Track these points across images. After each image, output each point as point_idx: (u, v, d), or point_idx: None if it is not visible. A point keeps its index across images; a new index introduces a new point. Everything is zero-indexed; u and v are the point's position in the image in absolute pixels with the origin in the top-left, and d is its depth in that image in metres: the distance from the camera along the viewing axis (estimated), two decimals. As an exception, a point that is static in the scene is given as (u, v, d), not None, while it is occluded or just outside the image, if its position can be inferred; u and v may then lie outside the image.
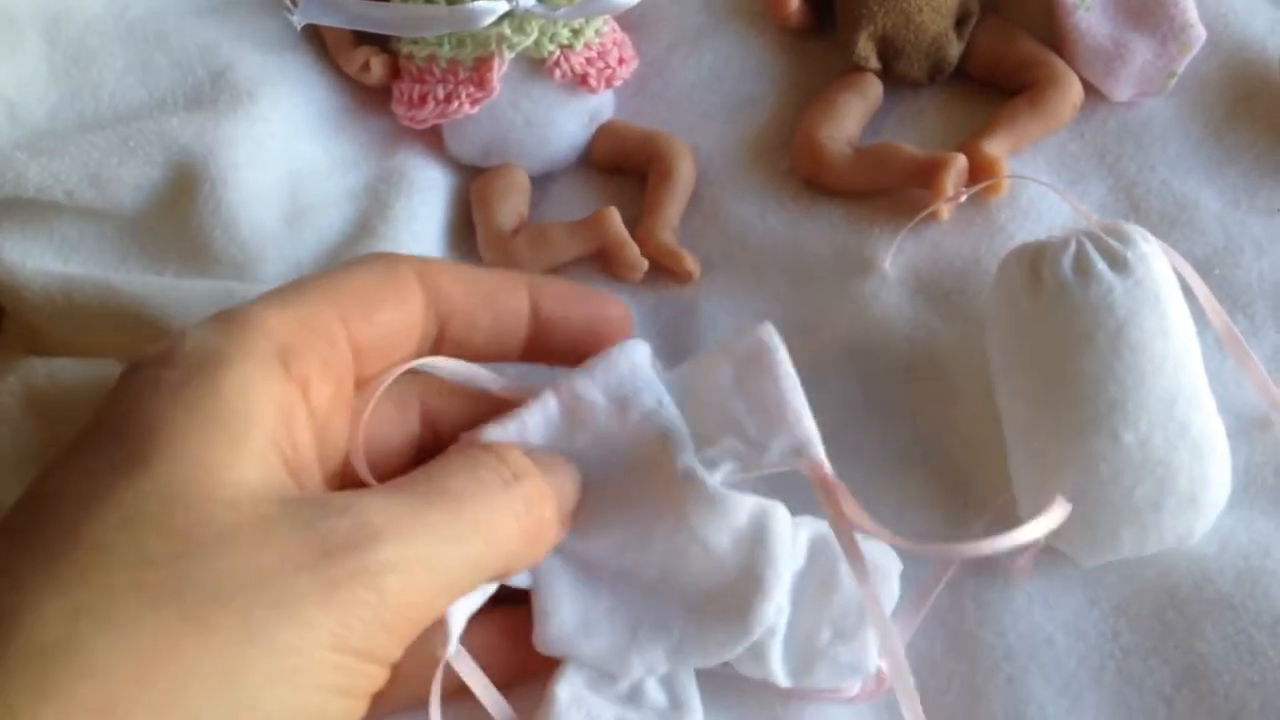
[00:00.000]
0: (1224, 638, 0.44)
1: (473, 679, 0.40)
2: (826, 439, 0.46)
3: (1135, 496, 0.43)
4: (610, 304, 0.43)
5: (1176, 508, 0.43)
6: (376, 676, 0.32)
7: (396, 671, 0.34)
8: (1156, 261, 0.44)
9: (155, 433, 0.31)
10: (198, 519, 0.30)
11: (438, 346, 0.40)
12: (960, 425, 0.49)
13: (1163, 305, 0.43)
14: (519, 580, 0.42)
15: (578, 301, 0.42)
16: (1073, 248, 0.44)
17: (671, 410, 0.43)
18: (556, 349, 0.43)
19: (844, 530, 0.41)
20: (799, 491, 0.42)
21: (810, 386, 0.48)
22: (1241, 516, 0.46)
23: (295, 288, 0.37)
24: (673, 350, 0.51)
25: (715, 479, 0.42)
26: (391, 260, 0.39)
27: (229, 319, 0.34)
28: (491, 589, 0.41)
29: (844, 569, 0.43)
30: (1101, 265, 0.44)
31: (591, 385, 0.42)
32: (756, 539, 0.42)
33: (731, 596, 0.41)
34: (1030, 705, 0.44)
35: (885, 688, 0.43)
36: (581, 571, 0.42)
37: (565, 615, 0.42)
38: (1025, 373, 0.45)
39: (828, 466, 0.41)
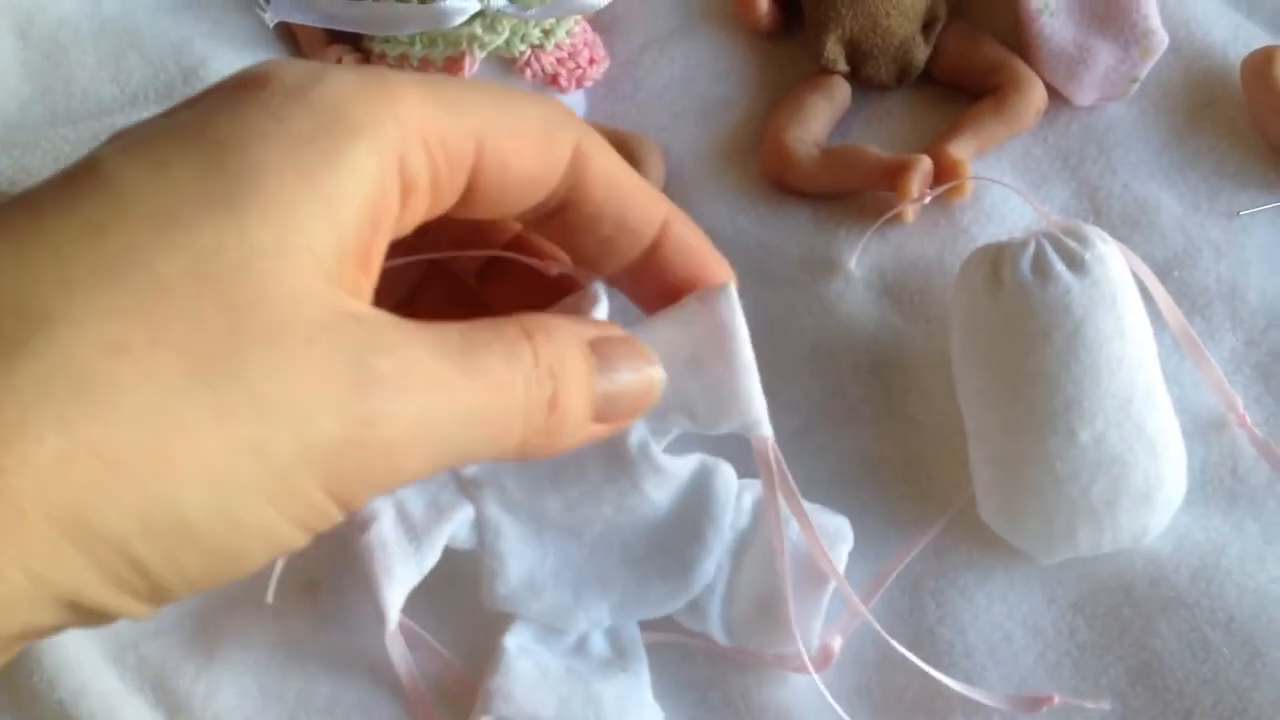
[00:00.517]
0: (1178, 635, 0.44)
1: (402, 665, 0.42)
2: (791, 437, 0.47)
3: (1091, 494, 0.44)
4: (723, 276, 0.40)
5: (1132, 506, 0.44)
6: (334, 518, 0.30)
7: None
8: (1114, 262, 0.45)
9: (255, 174, 0.28)
10: (263, 298, 0.27)
11: (550, 220, 0.37)
12: (924, 424, 0.50)
13: (1119, 306, 0.44)
14: (463, 541, 0.43)
15: (697, 260, 0.39)
16: (1032, 248, 0.45)
17: None
18: (642, 288, 0.39)
19: (791, 500, 0.41)
20: (746, 455, 0.43)
21: (775, 386, 0.49)
22: (1198, 516, 0.47)
23: (450, 86, 0.33)
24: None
25: (661, 445, 0.43)
26: (560, 119, 0.35)
27: (376, 81, 0.31)
28: (431, 565, 0.43)
29: (790, 536, 0.43)
30: (1060, 266, 0.44)
31: None
32: (699, 497, 0.43)
33: (673, 553, 0.43)
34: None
35: (833, 661, 0.44)
36: (528, 531, 0.44)
37: (512, 574, 0.43)
38: (985, 372, 0.46)
39: (773, 444, 0.41)
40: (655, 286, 0.38)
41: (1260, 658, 0.44)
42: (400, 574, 0.42)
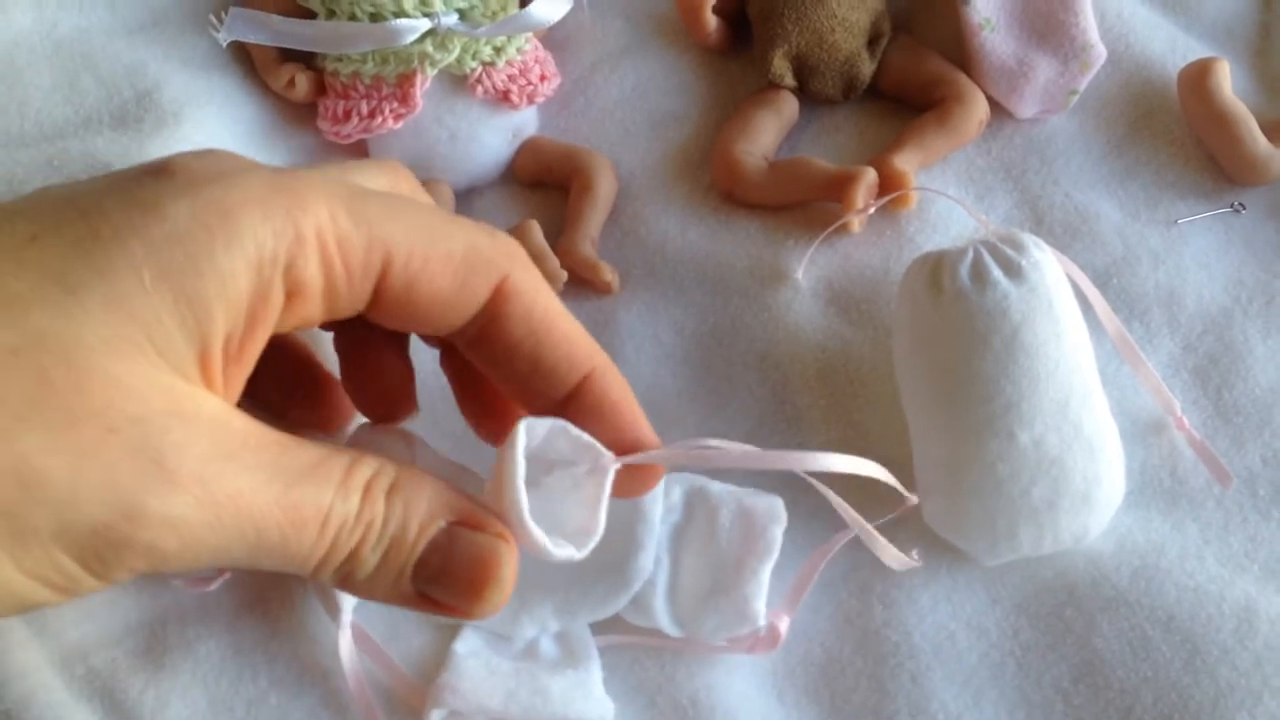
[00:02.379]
0: (1119, 634, 0.45)
1: (351, 669, 0.42)
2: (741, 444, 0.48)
3: (1032, 496, 0.44)
4: (646, 446, 0.38)
5: (1071, 506, 0.45)
6: (91, 586, 0.30)
7: None
8: (1050, 269, 0.46)
9: (113, 268, 0.29)
10: (78, 385, 0.28)
11: (470, 346, 0.37)
12: (870, 430, 0.50)
13: (1055, 310, 0.45)
14: None
15: (615, 418, 0.38)
16: (970, 256, 0.46)
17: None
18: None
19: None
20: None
21: (724, 394, 0.51)
22: (1138, 517, 0.48)
23: (371, 201, 0.33)
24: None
25: None
26: (490, 253, 0.35)
27: (282, 188, 0.32)
28: None
29: (722, 523, 0.46)
30: (997, 272, 0.45)
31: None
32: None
33: (608, 553, 0.44)
34: (933, 701, 0.45)
35: (779, 643, 0.45)
36: None
37: None
38: (927, 377, 0.46)
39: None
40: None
41: (1199, 655, 0.44)
42: None
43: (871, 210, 0.53)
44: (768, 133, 0.56)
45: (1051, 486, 0.44)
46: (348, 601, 0.42)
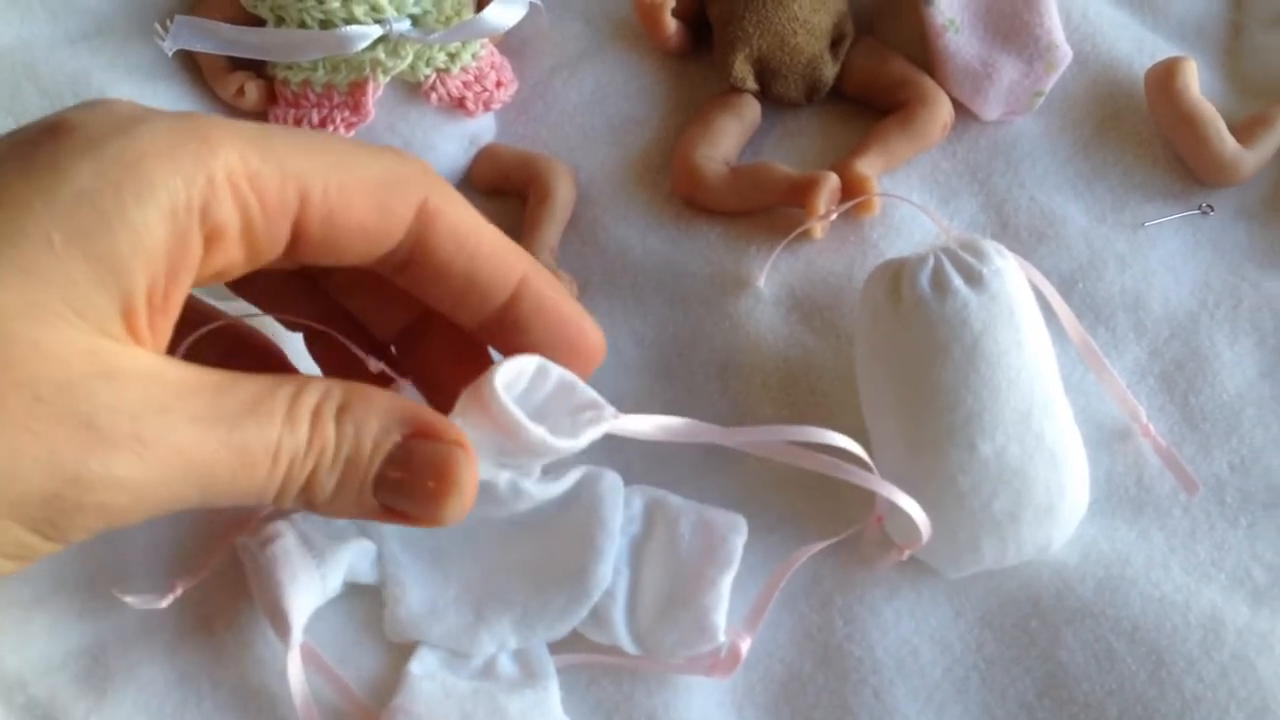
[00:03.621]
0: (1084, 646, 0.45)
1: (299, 689, 0.41)
2: (701, 456, 0.47)
3: (994, 507, 0.44)
4: (588, 334, 0.39)
5: (1034, 518, 0.44)
6: (44, 551, 0.30)
7: None
8: (1011, 276, 0.45)
9: (19, 235, 0.29)
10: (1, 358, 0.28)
11: (400, 272, 0.36)
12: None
13: (1017, 319, 0.44)
14: (364, 576, 0.45)
15: (557, 317, 0.38)
16: (930, 264, 0.45)
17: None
18: (508, 347, 0.38)
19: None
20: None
21: (685, 404, 0.50)
22: (1103, 526, 0.47)
23: (276, 136, 0.33)
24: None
25: (533, 478, 0.43)
26: (405, 175, 0.35)
27: (184, 131, 0.31)
28: (336, 590, 0.44)
29: (682, 534, 0.45)
30: (958, 280, 0.44)
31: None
32: (586, 503, 0.45)
33: (568, 563, 0.44)
34: (896, 717, 0.44)
35: (739, 664, 0.44)
36: (428, 562, 0.45)
37: (413, 601, 0.44)
38: (888, 387, 0.46)
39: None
40: (519, 345, 0.37)
41: (1164, 667, 0.44)
42: (304, 583, 0.42)
43: (834, 216, 0.52)
44: (729, 137, 0.55)
45: (1014, 498, 0.44)
46: (298, 620, 0.41)
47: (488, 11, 0.52)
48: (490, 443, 0.35)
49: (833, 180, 0.52)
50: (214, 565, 0.44)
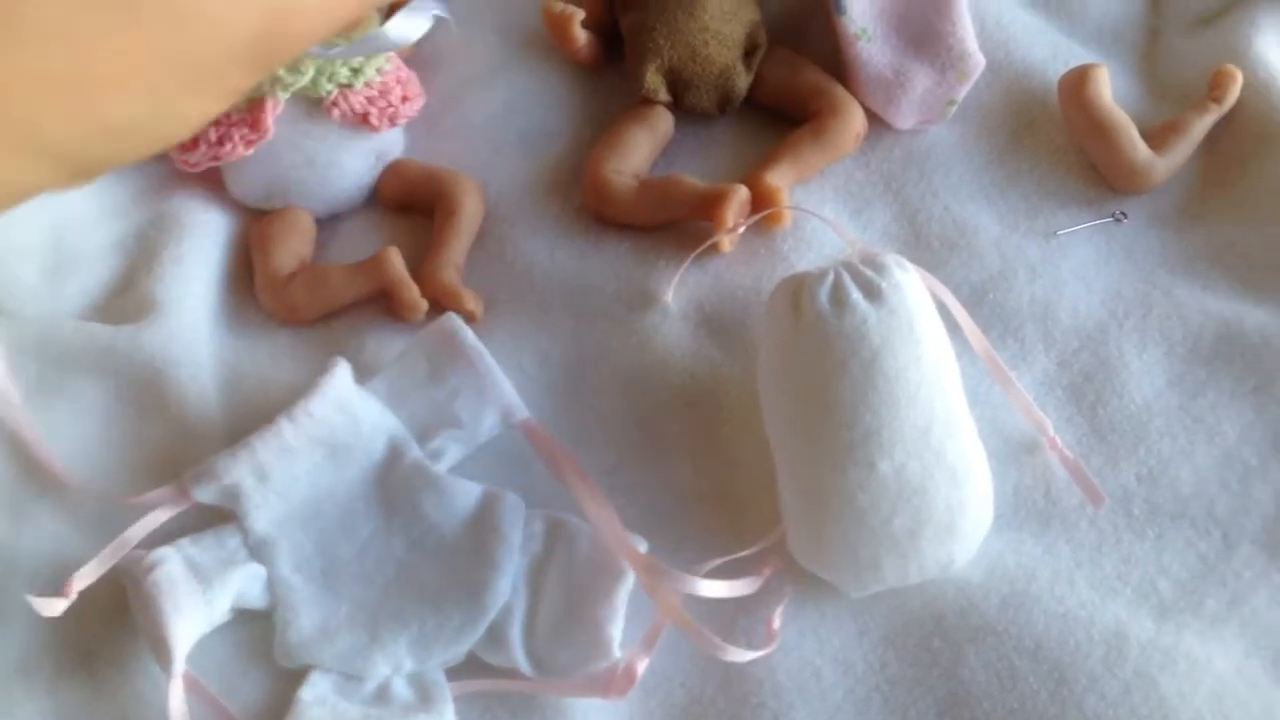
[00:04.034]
0: (986, 665, 0.44)
1: (177, 716, 0.41)
2: (605, 474, 0.47)
3: (894, 525, 0.43)
4: None
5: (935, 536, 0.44)
6: (253, 83, 0.33)
7: None
8: (912, 290, 0.45)
9: None
10: None
11: None
12: (739, 459, 0.49)
13: (916, 333, 0.44)
14: (254, 601, 0.44)
15: None
16: (830, 279, 0.45)
17: (390, 417, 0.46)
18: None
19: (578, 481, 0.45)
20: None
21: (589, 423, 0.49)
22: (1010, 540, 0.47)
23: None
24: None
25: (442, 468, 0.46)
26: None
27: None
28: (223, 617, 0.44)
29: (581, 551, 0.45)
30: (856, 295, 0.44)
31: (321, 404, 0.44)
32: (487, 522, 0.45)
33: (466, 580, 0.44)
34: (795, 740, 0.44)
35: (634, 682, 0.43)
36: (321, 585, 0.45)
37: (304, 623, 0.44)
38: (789, 404, 0.45)
39: (534, 421, 0.46)
40: None
41: (1066, 685, 0.43)
42: (188, 611, 0.42)
43: (742, 229, 0.51)
44: (640, 150, 0.54)
45: (914, 516, 0.43)
46: (180, 649, 0.41)
47: (389, 26, 0.52)
48: (427, 377, 0.44)
49: (741, 193, 0.51)
50: (107, 565, 0.43)
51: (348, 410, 0.45)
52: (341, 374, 0.46)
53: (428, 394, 0.46)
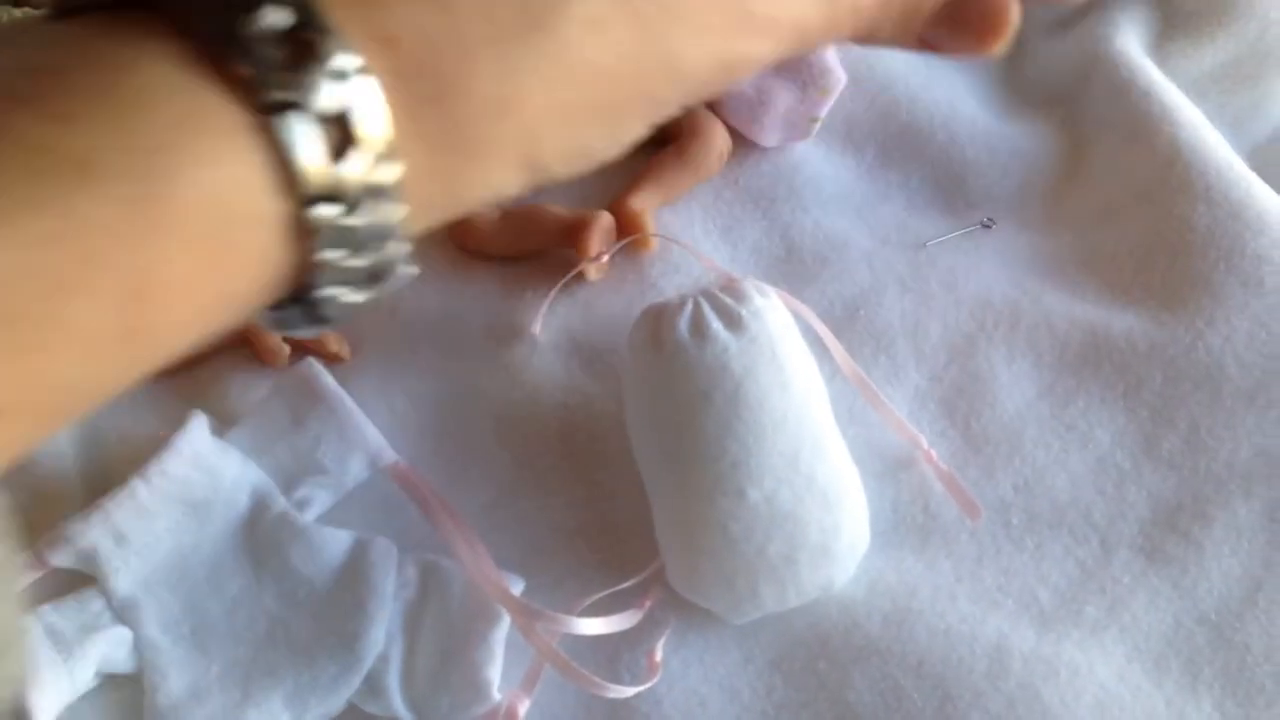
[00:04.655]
0: (871, 685, 0.44)
1: None
2: (481, 512, 0.46)
3: (768, 552, 0.43)
4: None
5: (810, 560, 0.43)
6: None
7: None
8: (773, 315, 0.44)
9: None
10: None
11: None
12: (615, 490, 0.48)
13: (779, 359, 0.43)
14: (121, 665, 0.43)
15: None
16: (689, 309, 0.44)
17: (253, 469, 0.45)
18: None
19: (449, 520, 0.45)
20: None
21: (463, 461, 0.48)
22: (891, 557, 0.47)
23: None
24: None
25: (310, 517, 0.45)
26: None
27: None
28: (87, 684, 0.42)
29: (455, 595, 0.44)
30: (716, 325, 0.43)
31: (177, 461, 0.43)
32: (358, 570, 0.44)
33: (339, 631, 0.43)
34: (683, 773, 0.43)
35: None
36: (190, 646, 0.43)
37: (174, 685, 0.42)
38: (657, 436, 0.44)
39: (403, 462, 0.45)
40: None
41: (951, 701, 0.43)
42: (49, 681, 0.40)
43: (606, 257, 0.51)
44: (502, 179, 0.53)
45: (787, 541, 0.43)
46: (45, 703, 0.40)
47: None
48: (290, 425, 0.43)
49: (604, 219, 0.51)
50: None
51: (205, 466, 0.44)
52: (197, 428, 0.44)
53: (290, 442, 0.45)
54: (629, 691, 0.43)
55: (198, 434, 0.44)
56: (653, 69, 0.29)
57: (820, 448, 0.44)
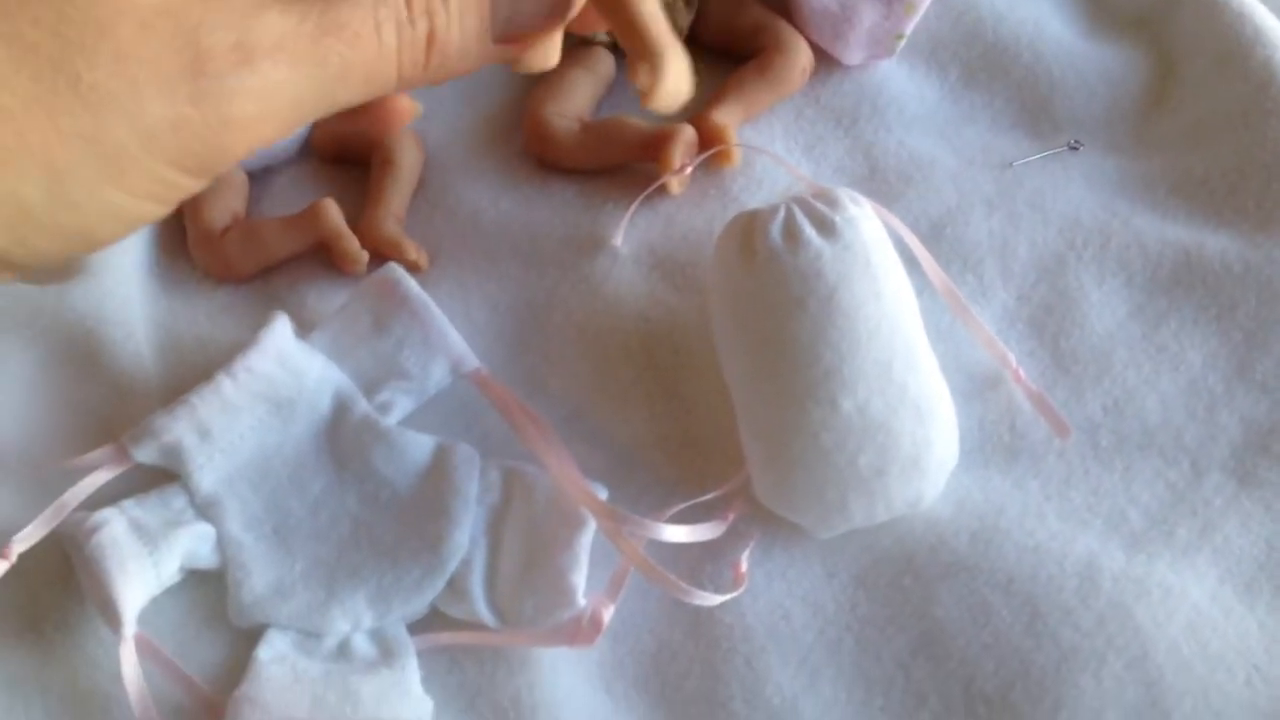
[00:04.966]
0: (958, 601, 0.43)
1: (134, 683, 0.39)
2: (562, 424, 0.46)
3: (859, 464, 0.42)
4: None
5: (901, 473, 0.42)
6: (193, 189, 0.31)
7: None
8: (866, 225, 0.43)
9: None
10: None
11: None
12: (698, 403, 0.48)
13: (873, 269, 0.43)
14: (205, 561, 0.43)
15: None
16: (781, 215, 0.43)
17: (335, 371, 0.44)
18: None
19: (532, 427, 0.44)
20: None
21: (543, 372, 0.48)
22: (977, 476, 0.46)
23: None
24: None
25: (391, 421, 0.45)
26: None
27: None
28: (172, 578, 0.42)
29: (539, 499, 0.44)
30: (810, 231, 0.43)
31: (262, 359, 0.43)
32: (441, 474, 0.44)
33: (422, 534, 0.43)
34: (768, 685, 0.43)
35: (601, 631, 0.42)
36: (273, 543, 0.43)
37: (257, 582, 0.42)
38: (745, 345, 0.44)
39: (485, 370, 0.45)
40: None
41: (1041, 618, 0.42)
42: (135, 572, 0.40)
43: (690, 169, 0.50)
44: (581, 92, 0.53)
45: (879, 453, 0.42)
46: (129, 611, 0.39)
47: None
48: (372, 329, 0.42)
49: (687, 132, 0.50)
50: (47, 528, 0.41)
51: (290, 364, 0.43)
52: (281, 327, 0.44)
53: (372, 346, 0.45)
54: (714, 599, 0.42)
55: (282, 333, 0.44)
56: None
57: (913, 359, 0.43)
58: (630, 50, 0.35)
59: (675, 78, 0.34)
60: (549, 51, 0.36)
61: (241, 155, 0.30)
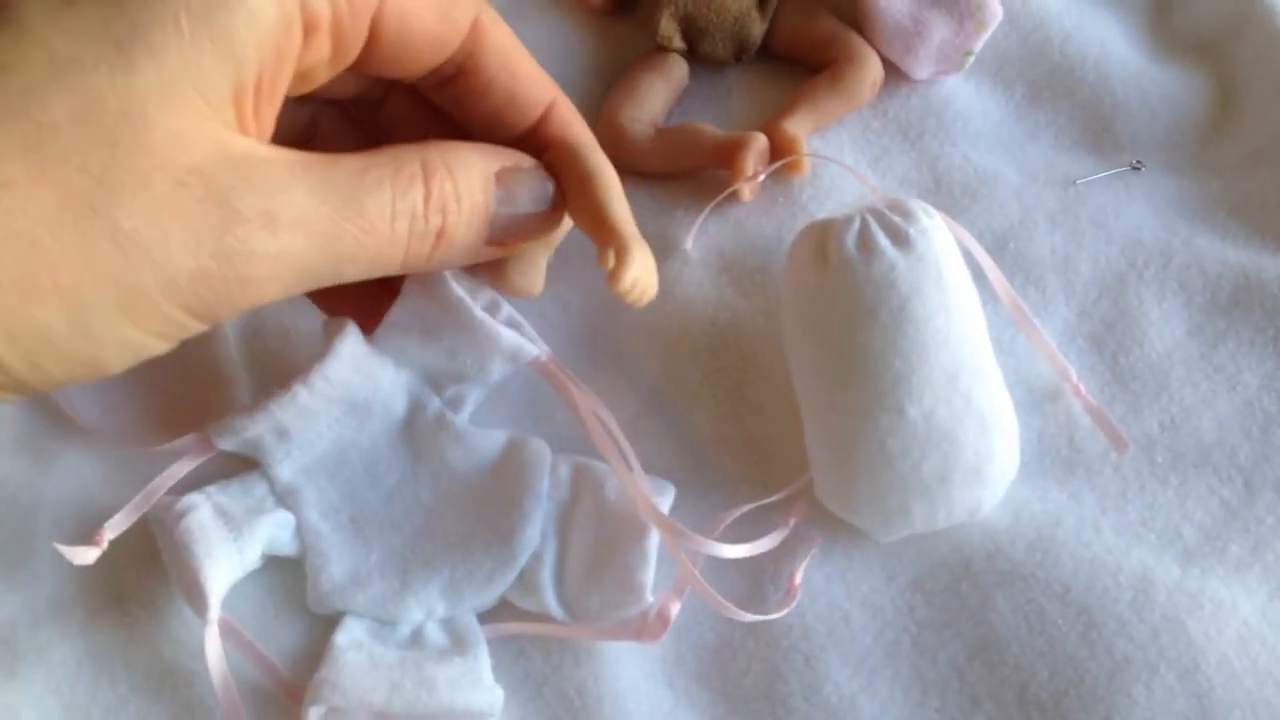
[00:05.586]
0: (1015, 608, 0.44)
1: (217, 665, 0.40)
2: (628, 422, 0.47)
3: (923, 471, 0.43)
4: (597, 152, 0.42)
5: (963, 481, 0.43)
6: (194, 329, 0.33)
7: None
8: (938, 236, 0.44)
9: (151, 17, 0.30)
10: (142, 143, 0.30)
11: (445, 87, 0.40)
12: (763, 406, 0.49)
13: (945, 280, 0.44)
14: (284, 548, 0.44)
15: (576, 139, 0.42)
16: (856, 225, 0.44)
17: (405, 372, 0.45)
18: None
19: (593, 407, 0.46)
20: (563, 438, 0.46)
21: (611, 371, 0.49)
22: (1035, 487, 0.47)
23: None
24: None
25: (464, 415, 0.46)
26: None
27: None
28: (255, 564, 0.43)
29: (608, 496, 0.45)
30: (884, 241, 0.44)
31: (337, 366, 0.43)
32: (513, 469, 0.45)
33: (495, 527, 0.44)
34: (827, 684, 0.44)
35: (668, 627, 0.43)
36: (350, 532, 0.44)
37: (335, 570, 0.44)
38: (815, 351, 0.45)
39: (545, 353, 0.46)
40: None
41: (1095, 628, 0.44)
42: (222, 556, 0.41)
43: (762, 177, 0.51)
44: (656, 98, 0.54)
45: (943, 461, 0.43)
46: (215, 595, 0.40)
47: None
48: (421, 338, 0.42)
49: (760, 141, 0.51)
50: (137, 514, 0.42)
51: (364, 369, 0.44)
52: (353, 334, 0.44)
53: (427, 354, 0.45)
54: (764, 618, 0.43)
55: (354, 339, 0.44)
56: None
57: (979, 371, 0.44)
58: (598, 241, 0.38)
59: (640, 268, 0.37)
60: (536, 276, 0.43)
61: (244, 310, 0.33)
